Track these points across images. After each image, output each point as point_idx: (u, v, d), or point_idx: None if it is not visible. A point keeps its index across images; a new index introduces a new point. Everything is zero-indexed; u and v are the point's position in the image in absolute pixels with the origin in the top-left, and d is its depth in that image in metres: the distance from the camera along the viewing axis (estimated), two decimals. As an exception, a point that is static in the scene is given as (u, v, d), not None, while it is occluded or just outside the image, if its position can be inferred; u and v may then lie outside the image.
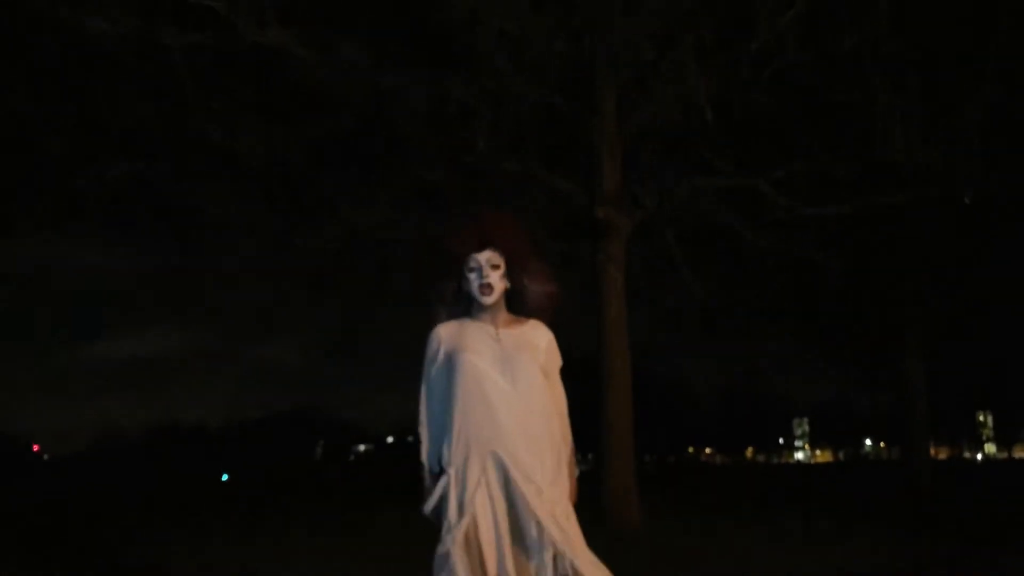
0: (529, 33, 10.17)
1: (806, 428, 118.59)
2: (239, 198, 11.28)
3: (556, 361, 3.26)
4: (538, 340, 3.21)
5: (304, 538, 10.34)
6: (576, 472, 3.25)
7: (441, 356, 3.18)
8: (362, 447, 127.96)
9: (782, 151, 12.09)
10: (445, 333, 3.20)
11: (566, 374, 3.38)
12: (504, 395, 3.04)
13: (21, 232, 13.44)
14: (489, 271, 3.15)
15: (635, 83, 11.75)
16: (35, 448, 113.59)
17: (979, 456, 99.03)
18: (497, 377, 3.07)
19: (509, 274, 3.21)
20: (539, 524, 2.93)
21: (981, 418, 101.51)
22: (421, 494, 3.13)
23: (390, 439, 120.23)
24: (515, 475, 2.97)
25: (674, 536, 9.95)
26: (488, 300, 3.15)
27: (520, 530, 2.96)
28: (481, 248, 3.16)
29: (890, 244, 14.39)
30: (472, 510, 2.95)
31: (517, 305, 3.25)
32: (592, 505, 11.35)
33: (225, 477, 42.78)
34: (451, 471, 3.03)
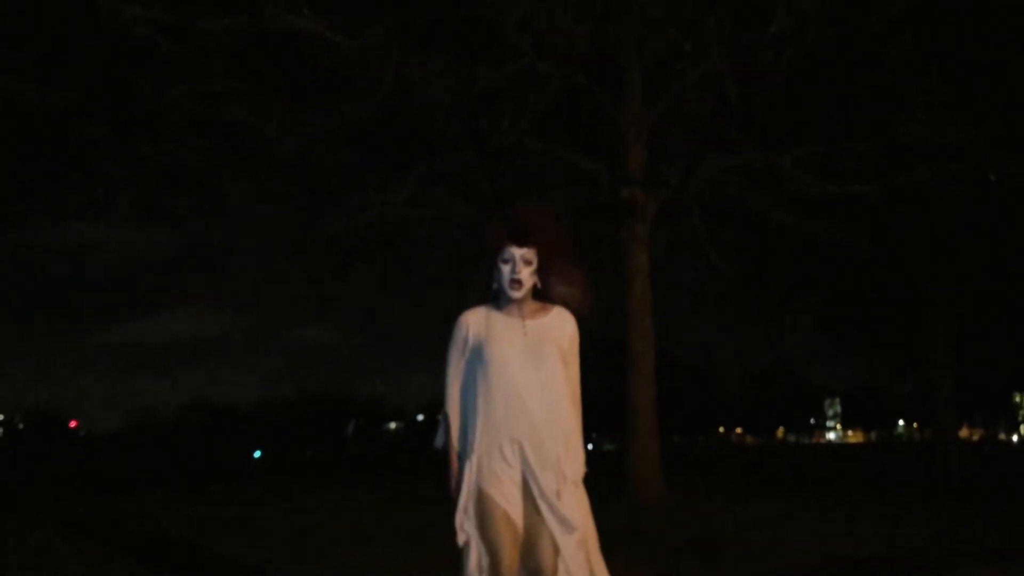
0: (554, 18, 10.25)
1: (838, 409, 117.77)
2: (269, 180, 11.47)
3: (576, 348, 3.35)
4: (562, 330, 3.29)
5: (327, 510, 10.59)
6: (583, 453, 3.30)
7: (470, 344, 3.27)
8: (392, 425, 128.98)
9: (806, 130, 12.08)
10: (473, 321, 3.29)
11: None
12: (531, 386, 3.15)
13: (60, 214, 13.80)
14: (522, 266, 3.20)
15: (659, 64, 11.79)
16: (72, 424, 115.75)
17: (1014, 438, 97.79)
18: (524, 369, 3.17)
19: (540, 272, 3.26)
20: (553, 534, 3.03)
21: (1017, 399, 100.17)
22: (447, 477, 3.23)
23: (420, 417, 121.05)
24: (536, 470, 3.08)
25: (697, 513, 10.10)
26: (517, 295, 3.22)
27: (534, 526, 3.06)
28: (518, 242, 3.22)
29: (915, 223, 14.29)
30: (491, 497, 3.07)
31: (543, 298, 3.32)
32: (618, 482, 11.59)
33: (257, 454, 43.37)
34: (474, 458, 3.14)
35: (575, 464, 3.17)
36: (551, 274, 3.28)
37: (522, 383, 3.15)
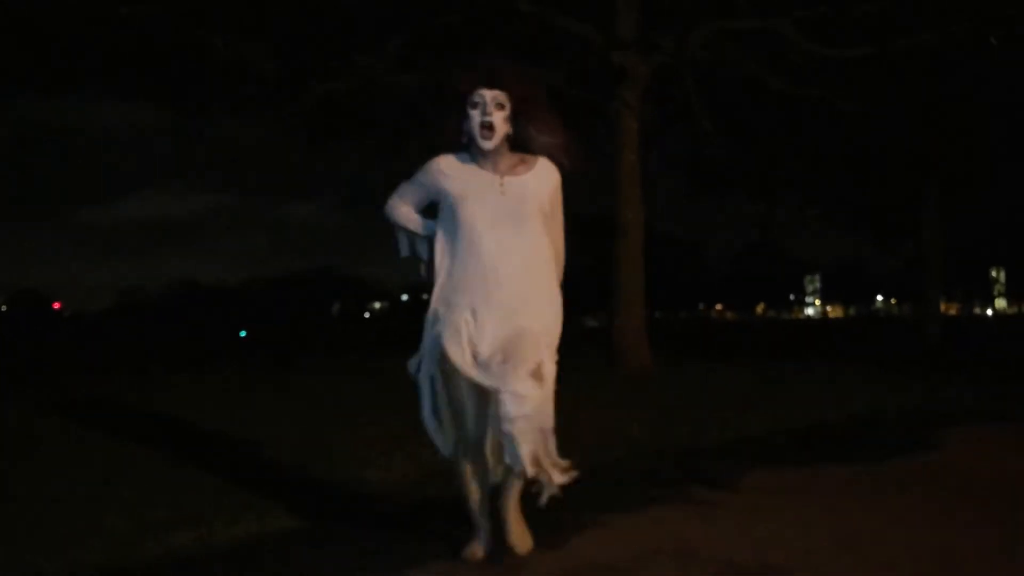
0: None
1: (817, 285, 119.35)
2: (250, 41, 10.96)
3: (559, 201, 3.15)
4: (544, 185, 3.07)
5: (306, 384, 10.65)
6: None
7: (442, 191, 3.06)
8: (378, 304, 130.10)
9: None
10: (448, 169, 3.07)
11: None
12: (508, 258, 2.97)
13: (38, 90, 13.31)
14: (493, 109, 2.96)
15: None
16: (56, 306, 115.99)
17: (989, 312, 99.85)
18: (501, 236, 2.97)
19: (514, 119, 3.02)
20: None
21: (994, 274, 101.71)
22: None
23: (405, 297, 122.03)
24: (508, 347, 2.91)
25: (679, 378, 10.24)
26: (488, 144, 2.98)
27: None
28: (489, 84, 2.99)
29: (909, 87, 13.99)
30: (452, 360, 2.92)
31: (522, 150, 3.10)
32: (606, 351, 11.70)
33: (243, 334, 43.67)
34: (433, 310, 3.03)
35: (552, 336, 3.03)
36: (528, 122, 3.05)
37: (498, 256, 2.96)
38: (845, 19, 11.35)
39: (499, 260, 2.96)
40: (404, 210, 3.21)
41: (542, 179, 3.08)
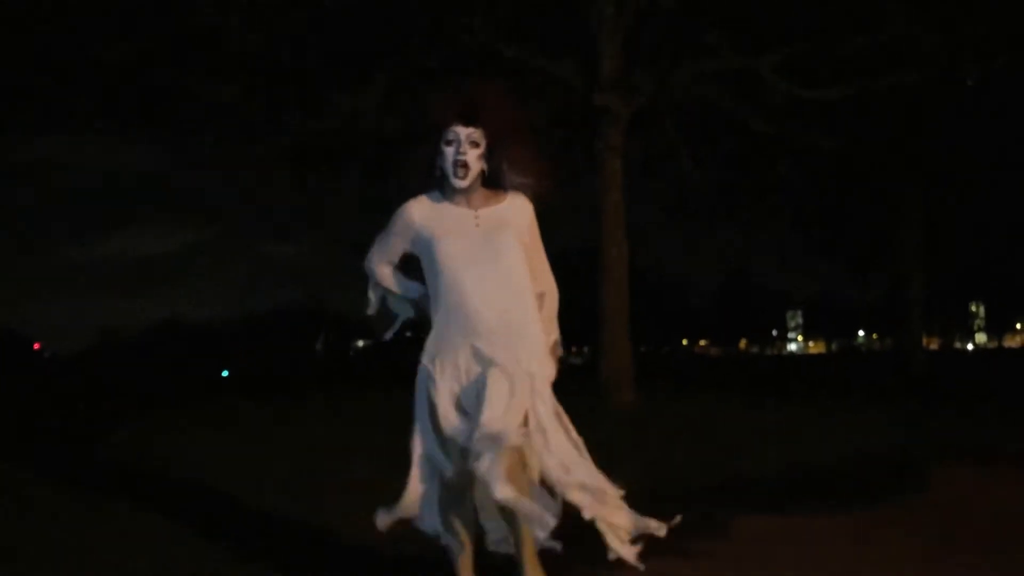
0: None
1: (800, 320, 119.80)
2: (232, 84, 11.00)
3: (537, 233, 3.07)
4: (519, 217, 3.00)
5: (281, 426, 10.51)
6: (559, 348, 3.13)
7: (416, 236, 2.98)
8: (361, 343, 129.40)
9: (782, 33, 11.81)
10: (419, 214, 2.97)
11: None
12: (484, 284, 2.86)
13: (20, 127, 13.30)
14: (467, 147, 2.88)
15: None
16: (36, 346, 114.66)
17: (969, 346, 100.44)
18: (480, 266, 2.88)
19: (489, 157, 2.94)
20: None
21: (973, 308, 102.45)
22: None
23: (389, 335, 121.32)
24: (492, 367, 2.82)
25: (666, 415, 10.18)
26: (461, 183, 2.90)
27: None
28: (464, 121, 2.89)
29: (887, 126, 14.19)
30: (442, 400, 2.86)
31: (494, 186, 3.02)
32: (590, 388, 11.64)
33: (225, 373, 43.32)
34: (427, 363, 2.93)
35: (543, 360, 2.93)
36: (502, 159, 2.96)
37: (471, 283, 2.85)
38: (820, 61, 11.52)
39: (481, 297, 2.85)
40: (383, 270, 3.17)
41: (518, 210, 3.01)
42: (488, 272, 2.88)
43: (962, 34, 10.78)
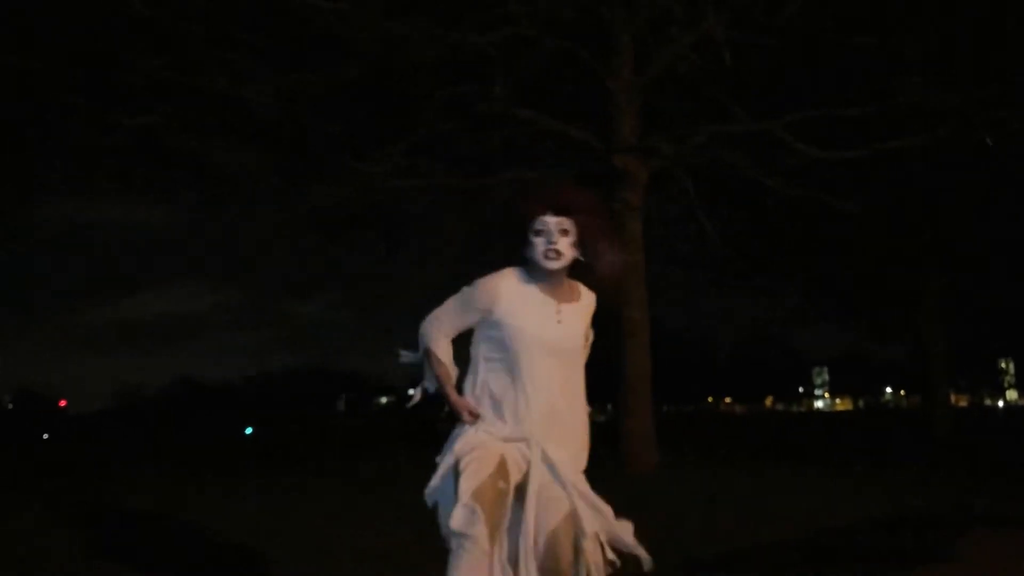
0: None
1: (826, 377, 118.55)
2: (252, 149, 11.22)
3: (591, 332, 3.15)
4: (588, 317, 3.08)
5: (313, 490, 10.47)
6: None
7: (491, 316, 2.95)
8: (384, 399, 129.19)
9: (798, 96, 11.91)
10: (506, 290, 2.95)
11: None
12: (557, 384, 2.92)
13: (47, 189, 13.59)
14: (558, 236, 2.89)
15: (652, 28, 11.57)
16: (62, 403, 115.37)
17: (1000, 403, 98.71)
18: (552, 362, 2.92)
19: (579, 246, 2.95)
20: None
21: (1003, 365, 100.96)
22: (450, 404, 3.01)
23: (412, 392, 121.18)
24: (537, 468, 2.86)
25: (690, 480, 10.05)
26: (554, 265, 2.90)
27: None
28: (555, 211, 2.91)
29: (905, 187, 14.18)
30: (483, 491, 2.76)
31: (576, 278, 3.05)
32: (612, 451, 11.53)
33: (249, 430, 43.34)
34: (465, 455, 2.86)
35: (584, 455, 3.01)
36: (588, 251, 2.96)
37: (551, 387, 2.90)
38: (836, 122, 11.57)
39: (553, 392, 2.91)
40: (442, 343, 3.09)
41: (589, 308, 3.08)
42: (557, 368, 2.94)
43: (979, 95, 10.80)
